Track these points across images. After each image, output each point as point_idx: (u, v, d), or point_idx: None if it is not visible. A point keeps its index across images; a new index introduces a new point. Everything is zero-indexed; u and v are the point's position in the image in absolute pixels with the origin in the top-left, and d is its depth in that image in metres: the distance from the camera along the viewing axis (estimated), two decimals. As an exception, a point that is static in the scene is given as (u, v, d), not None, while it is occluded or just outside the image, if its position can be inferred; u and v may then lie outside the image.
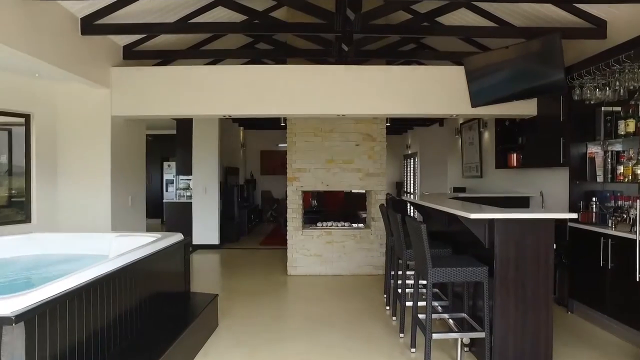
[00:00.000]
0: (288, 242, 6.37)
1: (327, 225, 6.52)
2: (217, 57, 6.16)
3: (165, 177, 13.43)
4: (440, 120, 11.14)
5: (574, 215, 3.27)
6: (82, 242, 4.17)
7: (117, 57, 5.24)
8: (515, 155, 6.08)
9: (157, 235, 4.12)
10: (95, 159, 5.05)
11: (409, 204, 8.06)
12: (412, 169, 13.69)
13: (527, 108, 5.15)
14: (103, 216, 5.06)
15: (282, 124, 6.59)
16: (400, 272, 4.63)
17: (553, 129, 4.76)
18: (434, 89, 5.15)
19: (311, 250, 6.34)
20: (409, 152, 13.98)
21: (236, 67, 5.19)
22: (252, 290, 5.53)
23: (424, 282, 3.33)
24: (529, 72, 4.43)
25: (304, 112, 5.15)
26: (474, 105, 5.06)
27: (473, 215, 2.97)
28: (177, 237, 4.17)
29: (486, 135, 7.60)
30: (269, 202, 13.59)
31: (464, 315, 3.55)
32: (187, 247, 4.29)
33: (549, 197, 5.44)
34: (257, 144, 13.96)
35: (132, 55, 5.38)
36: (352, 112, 5.16)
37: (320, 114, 5.27)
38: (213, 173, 8.69)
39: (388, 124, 6.53)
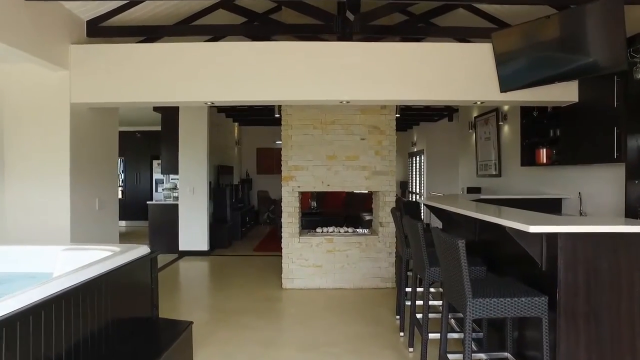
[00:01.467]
0: (283, 250, 5.55)
1: (328, 232, 5.69)
2: (205, 34, 5.29)
3: (155, 176, 12.66)
4: (449, 115, 10.35)
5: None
6: (22, 257, 3.35)
7: (79, 33, 4.41)
8: (544, 150, 5.24)
9: (115, 248, 3.30)
10: (51, 155, 4.22)
11: (423, 207, 7.24)
12: (418, 167, 12.87)
13: (565, 93, 4.32)
14: (61, 223, 4.23)
15: (277, 115, 5.76)
16: (420, 289, 3.85)
17: (602, 118, 3.94)
18: (455, 71, 4.33)
19: (309, 260, 5.51)
20: (415, 150, 13.17)
21: (221, 45, 4.38)
22: (240, 309, 4.71)
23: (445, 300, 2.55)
24: (577, 46, 3.61)
25: (300, 97, 4.33)
26: (503, 89, 4.25)
27: (534, 229, 2.14)
28: (141, 250, 3.35)
29: (506, 129, 6.78)
30: (265, 202, 12.77)
31: (506, 355, 2.73)
32: (154, 263, 3.47)
33: (589, 200, 4.62)
34: (253, 141, 13.14)
35: (98, 32, 4.55)
36: (358, 97, 4.34)
37: (320, 100, 4.45)
38: (201, 172, 7.87)
39: (398, 115, 5.70)
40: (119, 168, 12.57)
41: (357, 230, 5.80)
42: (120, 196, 12.62)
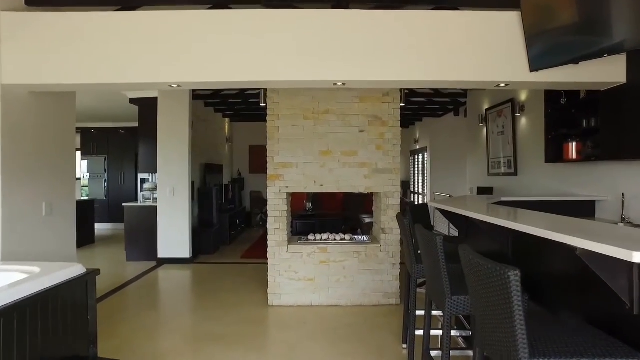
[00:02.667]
0: (269, 261, 4.76)
1: (321, 239, 4.90)
2: (173, 5, 4.48)
3: (140, 175, 11.84)
4: (455, 109, 9.57)
5: None
6: None
7: (13, 0, 3.61)
8: (574, 144, 4.47)
9: (35, 269, 2.52)
10: (-23, 148, 3.44)
11: (434, 210, 6.42)
12: (420, 166, 12.09)
13: (610, 73, 3.53)
14: (-10, 232, 3.44)
15: (263, 104, 4.98)
16: (437, 312, 3.10)
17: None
18: (474, 45, 3.54)
19: (300, 272, 4.72)
20: (417, 147, 12.39)
21: (188, 13, 3.57)
22: (215, 333, 3.92)
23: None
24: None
25: (285, 78, 3.53)
26: (534, 68, 3.46)
27: (640, 256, 1.36)
28: (73, 270, 2.57)
29: (523, 121, 6.00)
30: (258, 204, 11.98)
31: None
32: (91, 286, 2.68)
33: (633, 202, 3.84)
34: (245, 138, 12.34)
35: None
36: (355, 77, 3.54)
37: (309, 82, 3.65)
38: (182, 170, 7.07)
39: (402, 104, 4.91)
40: (103, 167, 11.79)
41: (356, 237, 5.00)
42: (103, 197, 11.92)
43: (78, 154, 12.59)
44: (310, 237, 4.94)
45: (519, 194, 5.78)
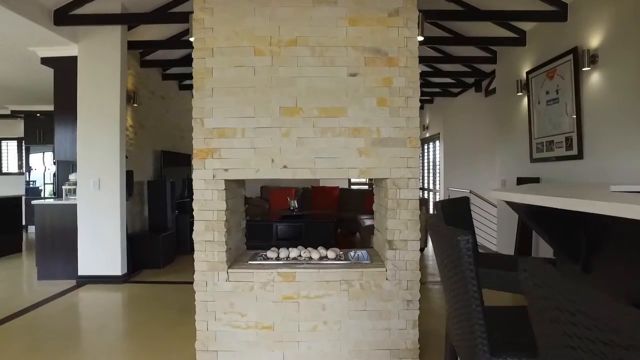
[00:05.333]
0: (197, 296, 2.81)
1: (287, 258, 2.96)
2: None
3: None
4: (476, 83, 7.64)
5: None
6: None
7: None
8: None
9: None
10: None
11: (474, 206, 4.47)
12: (432, 157, 10.15)
13: None
14: None
15: (192, 39, 3.05)
16: None
17: None
18: None
19: (249, 314, 2.78)
20: (427, 135, 10.46)
21: None
22: None
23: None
24: None
25: None
26: None
27: None
28: None
29: (596, 78, 4.05)
30: (237, 202, 10.03)
31: None
32: None
33: None
34: (222, 125, 10.40)
35: None
36: None
37: None
38: (112, 156, 5.14)
39: (421, 38, 2.97)
40: (51, 159, 9.86)
41: (349, 254, 3.06)
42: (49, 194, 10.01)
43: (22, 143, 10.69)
44: (270, 253, 2.99)
45: (591, 182, 3.85)
